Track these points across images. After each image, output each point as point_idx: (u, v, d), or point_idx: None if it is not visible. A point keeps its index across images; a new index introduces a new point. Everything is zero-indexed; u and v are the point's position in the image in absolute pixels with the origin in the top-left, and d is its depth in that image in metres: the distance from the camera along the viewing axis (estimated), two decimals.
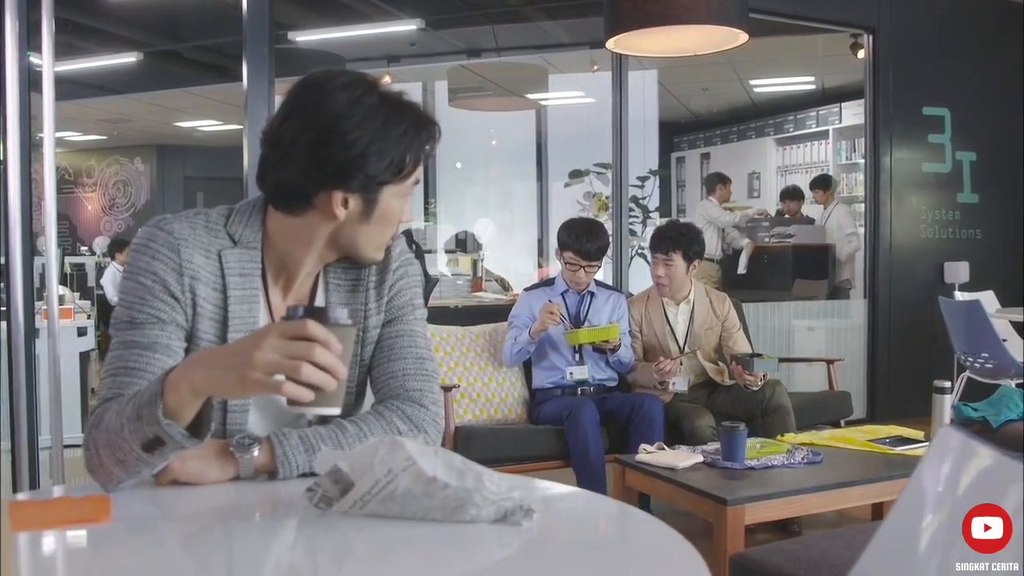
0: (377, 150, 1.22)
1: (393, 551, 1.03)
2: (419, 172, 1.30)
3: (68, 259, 8.51)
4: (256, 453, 1.23)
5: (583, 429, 3.28)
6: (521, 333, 3.62)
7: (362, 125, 1.21)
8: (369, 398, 1.43)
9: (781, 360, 4.43)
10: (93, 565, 1.02)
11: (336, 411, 1.10)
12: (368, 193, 1.26)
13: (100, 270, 8.92)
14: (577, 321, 3.70)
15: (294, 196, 1.26)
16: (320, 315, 1.05)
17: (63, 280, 6.64)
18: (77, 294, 6.07)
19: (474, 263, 7.11)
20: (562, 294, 3.75)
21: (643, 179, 6.79)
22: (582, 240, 3.61)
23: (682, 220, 6.10)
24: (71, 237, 12.17)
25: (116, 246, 9.21)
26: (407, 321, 1.40)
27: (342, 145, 1.21)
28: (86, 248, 9.46)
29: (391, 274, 1.40)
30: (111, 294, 8.70)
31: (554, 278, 3.87)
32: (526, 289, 3.95)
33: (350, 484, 1.06)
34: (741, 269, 7.21)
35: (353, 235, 1.30)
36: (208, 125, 11.47)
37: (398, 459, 1.04)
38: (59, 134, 11.51)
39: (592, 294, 3.76)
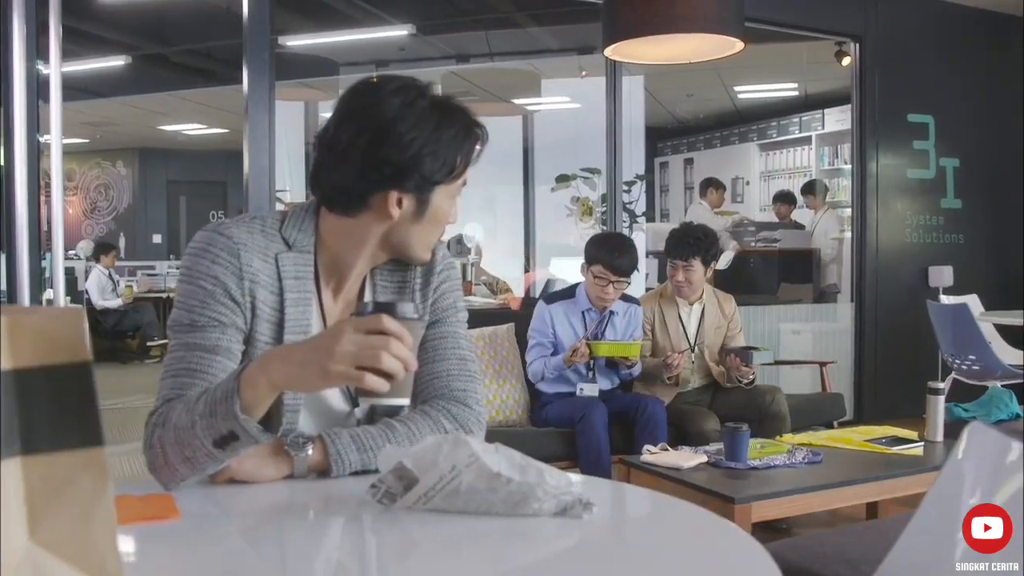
0: (431, 151, 1.27)
1: (457, 544, 1.06)
2: (467, 173, 1.35)
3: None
4: (310, 452, 1.26)
5: (596, 432, 3.30)
6: (545, 350, 3.55)
7: (417, 127, 1.26)
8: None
9: (776, 363, 4.53)
10: (164, 561, 1.03)
11: (406, 401, 1.16)
12: (422, 193, 1.30)
13: (86, 274, 8.92)
14: (595, 338, 3.57)
15: (350, 197, 1.30)
16: (389, 310, 1.11)
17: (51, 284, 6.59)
18: (68, 298, 6.03)
19: (463, 267, 7.13)
20: (583, 312, 3.62)
21: (630, 183, 6.84)
22: (614, 254, 3.48)
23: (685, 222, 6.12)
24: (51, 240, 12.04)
25: (101, 249, 9.22)
26: (450, 323, 1.44)
27: (398, 146, 1.25)
28: (73, 252, 9.42)
29: (436, 276, 1.44)
30: (96, 297, 8.73)
31: (575, 286, 3.70)
32: (546, 301, 3.75)
33: (414, 480, 1.10)
34: (722, 266, 7.26)
35: (405, 235, 1.34)
36: (192, 129, 11.41)
37: (462, 456, 1.08)
38: (41, 137, 11.45)
39: (612, 312, 3.63)
